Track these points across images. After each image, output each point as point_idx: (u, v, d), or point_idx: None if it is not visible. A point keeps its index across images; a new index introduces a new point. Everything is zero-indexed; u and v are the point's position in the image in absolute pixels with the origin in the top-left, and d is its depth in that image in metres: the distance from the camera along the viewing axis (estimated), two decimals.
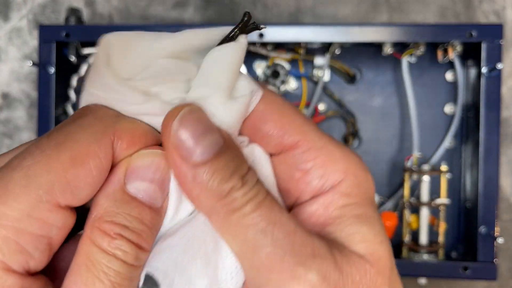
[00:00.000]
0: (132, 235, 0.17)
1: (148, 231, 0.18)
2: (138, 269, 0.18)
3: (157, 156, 0.18)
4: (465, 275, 0.47)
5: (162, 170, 0.18)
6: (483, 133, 0.47)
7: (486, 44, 0.47)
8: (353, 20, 0.60)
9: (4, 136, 0.62)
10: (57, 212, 0.17)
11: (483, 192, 0.47)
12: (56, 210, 0.17)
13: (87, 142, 0.17)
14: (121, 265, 0.17)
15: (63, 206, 0.17)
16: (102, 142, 0.17)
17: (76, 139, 0.17)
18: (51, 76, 0.49)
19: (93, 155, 0.17)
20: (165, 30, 0.48)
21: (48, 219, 0.16)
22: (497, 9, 0.59)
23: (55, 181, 0.16)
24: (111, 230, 0.17)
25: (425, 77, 0.54)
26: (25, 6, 0.62)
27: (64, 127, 0.18)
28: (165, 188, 0.18)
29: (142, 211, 0.18)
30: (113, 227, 0.17)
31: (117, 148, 0.18)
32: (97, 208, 0.17)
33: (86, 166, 0.17)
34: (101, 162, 0.17)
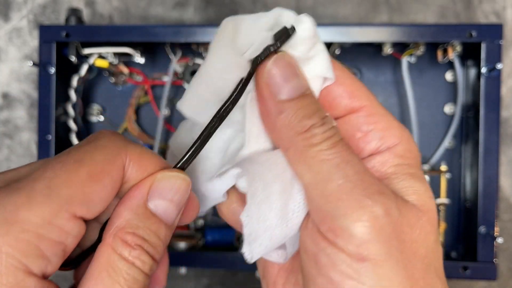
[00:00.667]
0: (150, 247, 0.19)
1: (162, 246, 0.20)
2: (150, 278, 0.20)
3: (179, 179, 0.21)
4: (464, 275, 0.47)
5: (181, 192, 0.21)
6: (482, 133, 0.47)
7: (486, 44, 0.47)
8: (353, 20, 0.60)
9: (4, 136, 0.62)
10: (74, 222, 0.18)
11: (483, 192, 0.47)
12: (73, 220, 0.18)
13: (103, 161, 0.19)
14: (139, 273, 0.19)
15: (78, 216, 0.18)
16: (115, 162, 0.19)
17: (93, 158, 0.19)
18: (51, 76, 0.50)
19: (107, 173, 0.19)
20: (165, 30, 0.48)
21: (66, 227, 0.18)
22: (497, 9, 0.59)
23: (74, 194, 0.18)
24: (132, 241, 0.19)
25: (425, 77, 0.54)
26: (25, 6, 0.62)
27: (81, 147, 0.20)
28: (180, 208, 0.21)
29: (159, 227, 0.20)
30: (135, 238, 0.19)
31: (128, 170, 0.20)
32: (119, 219, 0.19)
33: (101, 183, 0.19)
34: (114, 180, 0.19)
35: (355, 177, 0.19)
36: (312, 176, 0.20)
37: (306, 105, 0.20)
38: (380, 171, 0.22)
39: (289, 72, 0.21)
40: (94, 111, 0.56)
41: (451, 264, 0.47)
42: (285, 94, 0.20)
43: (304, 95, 0.21)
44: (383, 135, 0.22)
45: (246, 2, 0.60)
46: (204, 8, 0.61)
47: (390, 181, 0.22)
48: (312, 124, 0.20)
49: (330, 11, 0.60)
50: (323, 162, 0.20)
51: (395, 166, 0.22)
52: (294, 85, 0.20)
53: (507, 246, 0.59)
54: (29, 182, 0.18)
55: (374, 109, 0.23)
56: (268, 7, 0.60)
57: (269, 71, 0.20)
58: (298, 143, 0.20)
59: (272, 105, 0.20)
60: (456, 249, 0.53)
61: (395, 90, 0.55)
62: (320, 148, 0.20)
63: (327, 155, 0.20)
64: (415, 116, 0.51)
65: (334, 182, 0.19)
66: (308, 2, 0.60)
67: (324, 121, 0.20)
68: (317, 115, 0.20)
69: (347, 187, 0.19)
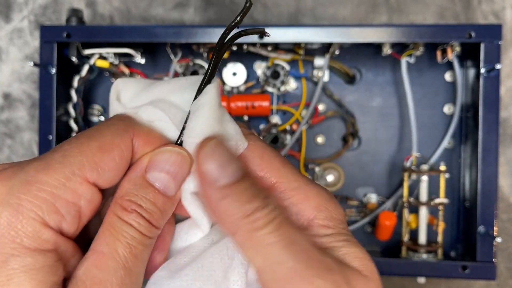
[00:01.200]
0: (145, 212, 0.21)
1: (159, 213, 0.22)
2: (150, 239, 0.22)
3: (174, 153, 0.22)
4: (464, 274, 0.47)
5: (177, 164, 0.22)
6: (482, 133, 0.47)
7: (485, 45, 0.47)
8: (353, 21, 0.60)
9: (5, 136, 0.62)
10: (86, 186, 0.21)
11: (482, 191, 0.47)
12: (85, 184, 0.21)
13: (112, 136, 0.22)
14: (135, 232, 0.21)
15: (91, 182, 0.21)
16: (124, 137, 0.22)
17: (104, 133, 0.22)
18: (52, 77, 0.50)
19: (116, 146, 0.22)
20: (165, 31, 0.49)
21: (78, 190, 0.21)
22: (496, 10, 0.59)
23: (85, 161, 0.21)
24: (128, 206, 0.21)
25: (424, 78, 0.54)
26: (26, 7, 0.63)
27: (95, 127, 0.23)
28: (178, 180, 0.23)
29: (156, 196, 0.22)
30: (130, 204, 0.21)
31: (135, 144, 0.22)
32: (120, 189, 0.22)
33: (110, 154, 0.21)
34: (122, 152, 0.22)
35: (303, 257, 0.20)
36: (262, 260, 0.20)
37: (246, 188, 0.21)
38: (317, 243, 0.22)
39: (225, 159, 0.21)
40: (94, 111, 0.57)
41: (450, 264, 0.47)
42: (224, 179, 0.21)
43: (243, 178, 0.21)
44: (299, 209, 0.23)
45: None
46: (205, 8, 0.61)
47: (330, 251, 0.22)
48: (255, 208, 0.20)
49: (330, 12, 0.60)
50: (270, 245, 0.20)
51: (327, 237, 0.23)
52: (231, 170, 0.21)
53: (506, 245, 0.59)
54: (48, 153, 0.21)
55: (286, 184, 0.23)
56: (268, 7, 0.60)
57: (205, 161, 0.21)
58: (243, 227, 0.21)
59: (213, 192, 0.21)
60: (456, 249, 0.54)
61: (394, 90, 0.55)
62: (265, 231, 0.20)
63: (273, 237, 0.20)
64: (415, 116, 0.51)
65: (284, 265, 0.20)
66: (308, 3, 0.60)
67: (266, 203, 0.21)
68: (258, 197, 0.21)
69: (298, 268, 0.20)
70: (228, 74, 0.55)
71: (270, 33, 0.48)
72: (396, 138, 0.55)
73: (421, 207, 0.51)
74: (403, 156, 0.54)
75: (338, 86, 0.55)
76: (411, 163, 0.51)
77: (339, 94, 0.55)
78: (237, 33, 0.24)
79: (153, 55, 0.56)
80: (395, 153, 0.55)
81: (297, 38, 0.48)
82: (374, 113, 0.55)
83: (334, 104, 0.55)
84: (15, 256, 0.19)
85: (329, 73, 0.55)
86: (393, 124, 0.55)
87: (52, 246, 0.20)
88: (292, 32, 0.48)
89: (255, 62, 0.55)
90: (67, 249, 0.21)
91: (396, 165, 0.54)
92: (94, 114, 0.57)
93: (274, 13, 0.60)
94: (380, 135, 0.55)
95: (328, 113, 0.55)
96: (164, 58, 0.56)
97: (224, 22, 0.60)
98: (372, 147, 0.55)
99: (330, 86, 0.55)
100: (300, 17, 0.60)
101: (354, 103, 0.55)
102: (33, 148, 0.62)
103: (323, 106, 0.55)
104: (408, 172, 0.51)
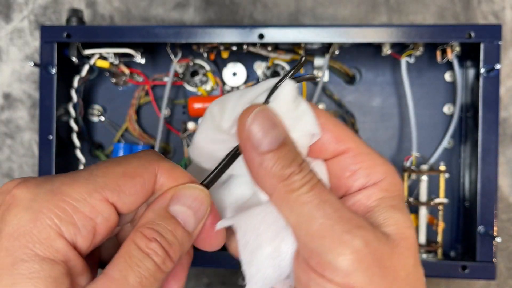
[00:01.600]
0: (165, 243, 0.22)
1: (178, 245, 0.23)
2: (163, 273, 0.22)
3: (197, 189, 0.24)
4: (463, 274, 0.47)
5: (199, 200, 0.24)
6: (481, 133, 0.47)
7: (485, 45, 0.47)
8: (353, 21, 0.60)
9: (5, 136, 0.62)
10: (105, 205, 0.22)
11: (482, 191, 0.47)
12: (105, 203, 0.22)
13: (137, 165, 0.23)
14: (151, 263, 0.21)
15: (110, 202, 0.22)
16: (148, 169, 0.23)
17: (130, 162, 0.23)
18: (53, 77, 0.50)
19: (139, 175, 0.23)
20: (165, 31, 0.49)
21: (97, 206, 0.22)
22: (496, 10, 0.59)
23: (108, 182, 0.22)
24: (150, 235, 0.22)
25: (424, 78, 0.54)
26: (26, 7, 0.63)
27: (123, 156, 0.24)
28: (198, 216, 0.24)
29: (176, 228, 0.23)
30: (151, 232, 0.22)
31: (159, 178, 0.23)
32: (143, 219, 0.23)
33: (132, 180, 0.22)
34: (144, 182, 0.23)
35: (334, 214, 0.22)
36: (296, 218, 0.22)
37: (285, 154, 0.23)
38: (365, 204, 0.25)
39: (268, 125, 0.23)
40: (95, 111, 0.57)
41: (450, 264, 0.47)
42: (266, 146, 0.22)
43: (283, 145, 0.23)
44: (369, 172, 0.25)
45: (246, 2, 0.60)
46: (205, 8, 0.61)
47: (373, 213, 0.24)
48: (291, 172, 0.22)
49: (329, 12, 0.60)
50: (304, 204, 0.22)
51: (379, 200, 0.24)
52: (273, 136, 0.23)
53: (506, 245, 0.59)
54: (77, 171, 0.23)
55: (360, 149, 0.25)
56: (268, 7, 0.60)
57: (249, 125, 0.23)
58: (280, 189, 0.23)
59: (254, 157, 0.23)
60: (455, 249, 0.54)
61: (394, 90, 0.55)
62: (300, 192, 0.22)
63: (307, 198, 0.22)
64: (414, 116, 0.51)
65: (316, 221, 0.22)
66: (308, 3, 0.60)
67: (302, 167, 0.23)
68: (295, 162, 0.23)
69: (328, 225, 0.22)
70: (228, 74, 0.55)
71: (270, 33, 0.48)
72: (396, 138, 0.55)
73: (421, 207, 0.51)
74: (403, 156, 0.54)
75: (338, 86, 0.55)
76: (411, 163, 0.51)
77: (339, 94, 0.55)
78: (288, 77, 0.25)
79: (153, 55, 0.56)
80: (395, 153, 0.55)
81: (297, 38, 0.48)
82: (374, 113, 0.55)
83: (334, 104, 0.55)
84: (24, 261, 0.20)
85: (329, 73, 0.55)
86: (393, 124, 0.55)
87: (62, 257, 0.21)
88: (292, 32, 0.48)
89: (255, 62, 0.55)
90: (76, 265, 0.21)
91: (396, 165, 0.54)
92: (94, 114, 0.57)
93: (274, 13, 0.61)
94: (380, 135, 0.55)
95: None
96: (164, 58, 0.56)
97: (224, 22, 0.61)
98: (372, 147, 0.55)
99: (330, 86, 0.55)
100: (300, 17, 0.60)
101: (354, 103, 0.55)
102: (33, 148, 0.62)
103: (323, 106, 0.55)
104: (408, 172, 0.51)
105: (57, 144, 0.50)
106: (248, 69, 0.55)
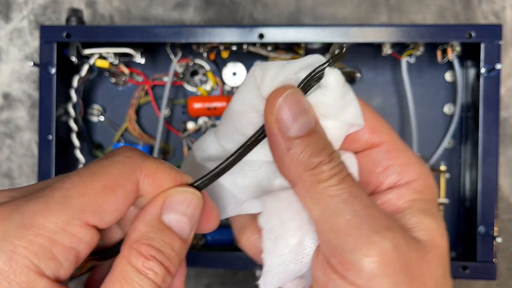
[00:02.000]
0: (164, 258, 0.20)
1: (176, 258, 0.21)
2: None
3: (190, 194, 0.21)
4: (464, 274, 0.47)
5: (193, 206, 0.21)
6: (482, 133, 0.47)
7: (485, 45, 0.47)
8: (353, 21, 0.60)
9: (5, 136, 0.62)
10: (86, 230, 0.19)
11: (482, 192, 0.47)
12: (85, 228, 0.19)
13: (117, 175, 0.20)
14: (151, 285, 0.19)
15: (91, 225, 0.19)
16: (130, 176, 0.20)
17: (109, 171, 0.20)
18: (52, 77, 0.50)
19: (121, 186, 0.20)
20: (165, 30, 0.49)
21: (78, 234, 0.19)
22: (496, 10, 0.59)
23: (87, 204, 0.19)
24: (147, 252, 0.20)
25: (425, 78, 0.54)
26: (26, 6, 0.63)
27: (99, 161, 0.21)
28: (193, 222, 0.22)
29: (174, 239, 0.21)
30: (149, 249, 0.20)
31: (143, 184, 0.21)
32: (135, 232, 0.20)
33: (114, 195, 0.20)
34: (127, 193, 0.20)
35: (363, 212, 0.20)
36: (320, 211, 0.21)
37: (315, 142, 0.21)
38: (396, 204, 0.23)
39: (298, 109, 0.21)
40: (94, 111, 0.57)
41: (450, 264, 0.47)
42: (295, 131, 0.21)
43: (313, 132, 0.21)
44: (402, 170, 0.23)
45: (246, 2, 0.60)
46: (204, 8, 0.61)
47: (404, 216, 0.22)
48: (320, 161, 0.21)
49: (330, 12, 0.60)
50: (331, 197, 0.20)
51: (411, 201, 0.23)
52: (303, 122, 0.21)
53: (507, 245, 0.59)
54: (48, 191, 0.19)
55: (395, 144, 0.24)
56: (268, 7, 0.60)
57: (279, 107, 0.21)
58: (306, 178, 0.21)
59: (282, 141, 0.21)
60: (456, 249, 0.54)
61: (394, 90, 0.55)
62: (328, 184, 0.21)
63: (334, 190, 0.20)
64: (415, 116, 0.51)
65: (343, 217, 0.20)
66: (308, 3, 0.60)
67: (332, 158, 0.21)
68: (325, 151, 0.21)
69: (356, 222, 0.20)
70: (228, 74, 0.55)
71: (270, 32, 0.48)
72: None
73: None
74: None
75: None
76: None
77: None
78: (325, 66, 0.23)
79: (153, 55, 0.56)
80: None
81: (297, 38, 0.48)
82: None
83: None
84: None
85: None
86: (393, 124, 0.55)
87: None
88: (292, 32, 0.48)
89: (255, 62, 0.55)
90: None
91: None
92: (93, 114, 0.57)
93: (274, 12, 0.60)
94: None
95: None
96: (164, 58, 0.56)
97: (224, 22, 0.60)
98: None
99: None
100: (300, 17, 0.60)
101: None
102: (32, 148, 0.62)
103: None
104: None
105: (56, 144, 0.50)
106: (248, 69, 0.55)
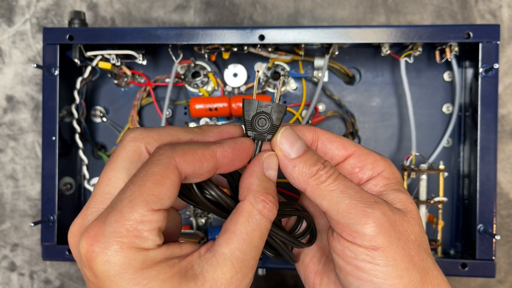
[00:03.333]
0: (274, 200, 0.29)
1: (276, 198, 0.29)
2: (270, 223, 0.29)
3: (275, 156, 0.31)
4: (463, 272, 0.47)
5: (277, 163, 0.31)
6: (480, 133, 0.48)
7: (483, 45, 0.47)
8: (351, 22, 0.60)
9: (9, 138, 0.63)
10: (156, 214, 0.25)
11: (481, 190, 0.48)
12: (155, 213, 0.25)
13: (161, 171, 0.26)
14: (267, 221, 0.28)
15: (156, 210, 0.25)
16: (169, 168, 0.26)
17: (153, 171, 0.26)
18: (55, 78, 0.50)
19: (167, 177, 0.26)
20: (167, 32, 0.49)
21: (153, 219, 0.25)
22: (493, 8, 0.60)
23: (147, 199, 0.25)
24: (267, 199, 0.28)
25: (423, 78, 0.55)
26: (28, 10, 0.63)
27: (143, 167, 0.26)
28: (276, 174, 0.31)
29: (273, 186, 0.30)
30: (270, 197, 0.28)
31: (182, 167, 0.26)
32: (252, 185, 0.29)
33: (164, 185, 0.25)
34: (173, 180, 0.26)
35: (356, 195, 0.29)
36: (327, 203, 0.29)
37: (310, 157, 0.30)
38: (375, 190, 0.32)
39: (292, 139, 0.31)
40: (97, 112, 0.57)
41: (450, 262, 0.48)
42: (294, 153, 0.30)
43: (306, 151, 0.30)
44: (373, 166, 0.32)
45: (246, 4, 0.61)
46: (205, 11, 0.62)
47: (382, 196, 0.31)
48: (318, 168, 0.30)
49: (328, 13, 0.61)
50: (332, 191, 0.29)
51: (385, 185, 0.32)
52: (298, 146, 0.30)
53: (507, 241, 0.60)
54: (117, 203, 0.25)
55: (362, 151, 0.32)
56: (268, 9, 0.61)
57: (279, 141, 0.31)
58: (311, 183, 0.30)
59: (288, 163, 0.30)
60: (455, 247, 0.54)
61: (393, 90, 0.55)
62: (327, 183, 0.29)
63: (333, 186, 0.29)
64: (414, 116, 0.51)
65: (343, 202, 0.29)
66: (307, 4, 0.61)
67: (325, 165, 0.30)
68: (319, 162, 0.30)
69: (353, 204, 0.29)
70: (229, 75, 0.55)
71: (271, 34, 0.48)
72: (395, 137, 0.55)
73: (420, 205, 0.51)
74: (403, 155, 0.55)
75: (338, 87, 0.56)
76: (410, 162, 0.52)
77: (338, 94, 0.56)
78: None
79: (155, 56, 0.57)
80: (395, 153, 0.55)
81: (297, 39, 0.48)
82: (373, 113, 0.55)
83: (334, 104, 0.56)
84: None
85: (329, 74, 0.56)
86: (392, 124, 0.55)
87: None
88: (292, 33, 0.48)
89: (255, 63, 0.55)
90: None
91: (396, 164, 0.55)
92: (96, 115, 0.57)
93: (274, 14, 0.61)
94: (379, 134, 0.55)
95: (328, 113, 0.55)
96: (165, 60, 0.56)
97: (224, 23, 0.61)
98: (371, 146, 0.55)
99: (329, 86, 0.56)
100: (299, 19, 0.61)
101: (353, 103, 0.55)
102: (36, 150, 0.63)
103: (323, 106, 0.56)
104: (408, 171, 0.51)
105: (60, 145, 0.51)
106: (248, 70, 0.55)
